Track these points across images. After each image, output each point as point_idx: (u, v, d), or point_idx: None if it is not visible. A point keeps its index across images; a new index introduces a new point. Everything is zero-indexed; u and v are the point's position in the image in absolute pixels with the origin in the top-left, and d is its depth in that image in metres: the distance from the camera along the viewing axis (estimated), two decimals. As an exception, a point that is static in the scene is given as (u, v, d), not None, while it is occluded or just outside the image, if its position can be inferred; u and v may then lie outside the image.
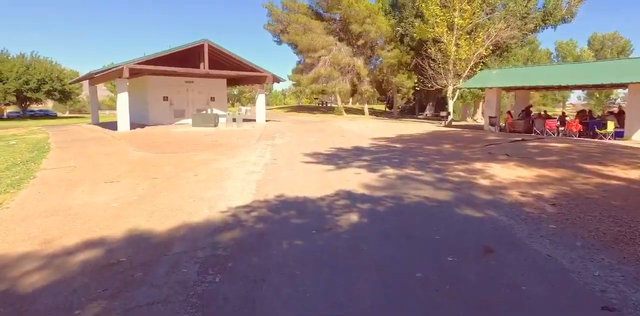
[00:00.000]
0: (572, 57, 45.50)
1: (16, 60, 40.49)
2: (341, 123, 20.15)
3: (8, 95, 39.37)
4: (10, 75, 39.03)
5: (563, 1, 28.00)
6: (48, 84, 41.40)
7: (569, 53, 46.51)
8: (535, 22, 27.36)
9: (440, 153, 8.63)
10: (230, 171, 6.87)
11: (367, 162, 7.55)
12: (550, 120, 16.70)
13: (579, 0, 28.19)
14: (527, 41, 30.10)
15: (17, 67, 39.66)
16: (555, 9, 27.90)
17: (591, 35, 46.61)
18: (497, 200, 4.88)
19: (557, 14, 28.02)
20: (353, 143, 10.65)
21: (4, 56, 40.61)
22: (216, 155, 8.68)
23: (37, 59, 42.47)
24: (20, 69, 39.76)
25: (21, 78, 39.55)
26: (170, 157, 8.54)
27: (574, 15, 28.73)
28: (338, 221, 4.16)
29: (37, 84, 40.60)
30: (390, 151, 9.12)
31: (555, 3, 27.84)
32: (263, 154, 8.77)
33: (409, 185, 5.74)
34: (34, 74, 40.43)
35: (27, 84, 40.07)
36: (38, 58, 42.74)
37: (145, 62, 15.64)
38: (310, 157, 8.27)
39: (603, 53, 45.47)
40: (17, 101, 42.31)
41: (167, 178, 6.38)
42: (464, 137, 12.10)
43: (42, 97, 42.73)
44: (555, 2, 27.89)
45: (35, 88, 40.89)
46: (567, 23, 29.02)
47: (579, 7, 28.52)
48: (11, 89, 38.99)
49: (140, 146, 10.60)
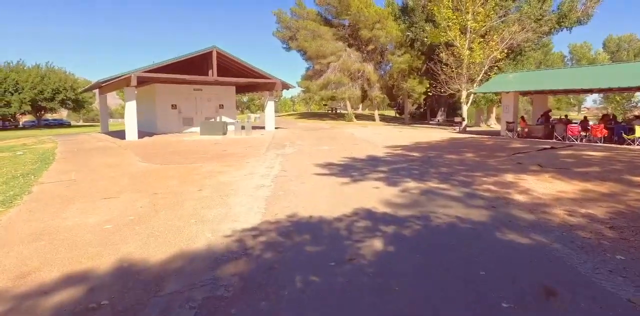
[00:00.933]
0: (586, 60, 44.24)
1: (32, 70, 41.09)
2: (352, 130, 19.55)
3: (24, 105, 39.89)
4: (26, 85, 39.58)
5: (579, 3, 27.14)
6: (62, 94, 41.89)
7: (583, 56, 45.27)
8: (550, 25, 26.52)
9: (464, 163, 7.95)
10: (237, 185, 6.31)
11: (385, 174, 6.92)
12: (572, 125, 15.84)
13: (596, 1, 27.30)
14: (541, 44, 29.18)
15: (32, 77, 40.24)
16: (570, 10, 27.04)
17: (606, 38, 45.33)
18: (543, 221, 4.20)
19: (572, 15, 27.15)
20: (367, 152, 10.03)
21: (21, 67, 41.29)
22: (223, 167, 8.15)
23: (52, 69, 43.08)
24: (35, 79, 40.32)
25: (36, 88, 40.08)
26: (175, 169, 8.03)
27: (590, 17, 27.82)
28: (360, 249, 3.54)
29: (51, 94, 41.12)
30: (408, 161, 8.47)
31: (570, 5, 26.99)
32: (272, 165, 8.21)
33: (435, 201, 5.09)
34: (49, 83, 40.96)
35: (42, 94, 40.59)
36: (53, 68, 43.36)
37: (153, 70, 15.34)
38: (323, 168, 7.68)
39: (619, 55, 44.08)
40: (32, 110, 42.84)
41: (169, 193, 5.84)
42: (486, 144, 11.36)
43: (56, 106, 43.20)
44: (571, 3, 27.04)
45: (50, 98, 41.41)
46: (582, 25, 28.11)
47: (595, 9, 27.61)
48: (26, 99, 39.50)
49: (146, 156, 10.16)
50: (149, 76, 15.31)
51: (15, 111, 39.99)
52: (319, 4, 27.78)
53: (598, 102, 52.30)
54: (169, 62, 15.71)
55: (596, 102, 53.06)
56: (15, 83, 39.04)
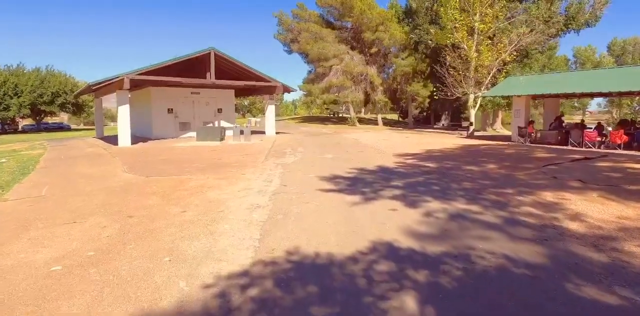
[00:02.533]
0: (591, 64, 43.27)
1: (31, 74, 40.27)
2: (356, 135, 18.56)
3: (23, 108, 39.03)
4: (25, 88, 38.74)
5: (586, 5, 26.23)
6: (62, 97, 41.01)
7: (587, 59, 44.31)
8: (557, 27, 25.57)
9: (489, 176, 6.93)
10: (229, 204, 5.30)
11: (401, 190, 5.91)
12: (589, 131, 14.82)
13: (604, 4, 26.40)
14: (548, 46, 28.21)
15: (32, 80, 39.40)
16: (577, 12, 26.13)
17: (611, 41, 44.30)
18: (619, 264, 3.18)
19: (580, 17, 26.24)
20: (376, 162, 9.02)
21: (20, 70, 40.48)
22: (215, 179, 7.15)
23: (52, 73, 42.26)
24: (35, 82, 39.49)
25: (36, 91, 39.23)
26: (160, 182, 7.03)
27: (598, 19, 26.92)
28: (387, 312, 2.53)
29: (51, 97, 40.25)
30: (424, 173, 7.45)
31: (578, 6, 26.08)
32: (271, 178, 7.21)
33: (469, 231, 4.08)
34: (48, 87, 40.11)
35: (42, 97, 39.72)
36: (53, 71, 42.54)
37: (148, 72, 14.39)
38: (329, 182, 6.67)
39: (624, 59, 43.08)
40: (32, 114, 41.97)
41: (147, 216, 4.84)
42: (506, 153, 10.30)
43: (56, 110, 42.35)
44: (578, 6, 26.13)
45: (49, 101, 40.51)
46: (590, 27, 27.21)
47: (603, 11, 26.70)
48: (26, 102, 38.65)
49: (133, 166, 9.17)
50: (143, 79, 14.36)
51: (14, 115, 39.15)
52: (321, 6, 26.91)
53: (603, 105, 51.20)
54: (164, 64, 14.75)
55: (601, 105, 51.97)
56: (15, 87, 38.21)
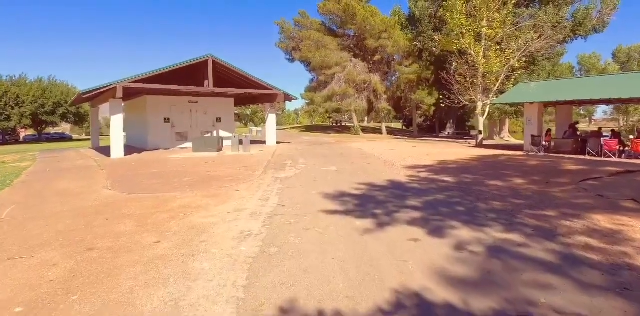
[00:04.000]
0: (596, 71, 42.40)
1: (33, 84, 39.95)
2: (360, 144, 17.63)
3: (24, 119, 38.55)
4: (27, 98, 38.34)
5: (594, 11, 25.53)
6: (63, 107, 40.56)
7: (592, 66, 43.46)
8: (565, 33, 24.81)
9: (519, 193, 5.94)
10: (214, 232, 4.36)
11: (420, 212, 4.94)
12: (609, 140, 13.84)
13: (612, 9, 25.69)
14: (555, 53, 27.40)
15: (33, 90, 39.06)
16: (585, 18, 25.43)
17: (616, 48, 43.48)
18: None
19: (588, 23, 25.52)
20: (386, 175, 8.06)
21: (22, 80, 40.18)
22: (204, 197, 6.22)
23: (54, 83, 41.94)
24: (36, 93, 39.13)
25: (37, 101, 38.84)
26: (141, 201, 6.11)
27: (606, 25, 26.20)
28: None
29: (52, 107, 39.83)
30: (442, 189, 6.47)
31: (585, 12, 25.38)
32: (267, 195, 6.26)
33: (520, 273, 3.10)
34: (50, 97, 39.73)
35: (43, 107, 39.32)
36: (55, 81, 42.24)
37: (142, 80, 13.61)
38: (334, 201, 5.72)
39: (630, 66, 42.15)
40: (33, 124, 41.50)
41: (110, 249, 3.90)
42: (529, 165, 9.27)
43: (57, 120, 41.89)
44: (585, 11, 25.44)
45: (51, 112, 40.10)
46: (598, 33, 26.48)
47: (611, 16, 25.99)
48: (27, 112, 38.20)
49: (119, 180, 8.27)
50: (137, 87, 13.57)
51: (15, 125, 38.66)
52: (323, 14, 26.34)
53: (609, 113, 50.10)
54: (160, 71, 13.97)
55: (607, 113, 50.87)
56: (16, 97, 37.83)
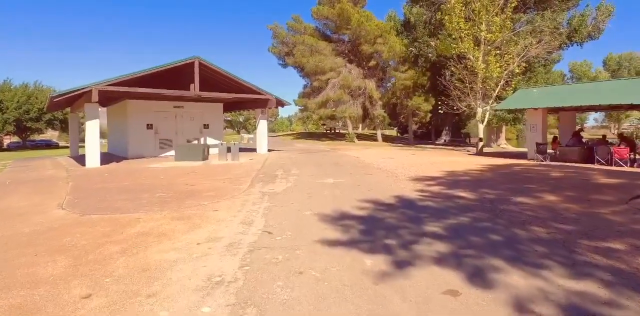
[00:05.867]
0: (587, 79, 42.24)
1: (18, 90, 38.30)
2: (356, 152, 16.52)
3: (7, 125, 36.78)
4: (11, 104, 36.67)
5: (589, 17, 25.09)
6: (49, 113, 38.88)
7: (583, 74, 43.35)
8: (561, 40, 24.26)
9: (560, 215, 4.80)
10: (171, 279, 3.12)
11: (445, 243, 3.77)
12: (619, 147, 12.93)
13: (607, 16, 25.28)
14: (550, 59, 26.83)
15: (18, 96, 37.41)
16: (580, 25, 24.96)
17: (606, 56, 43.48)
18: None
19: (583, 30, 25.05)
20: (391, 190, 6.90)
21: (7, 86, 38.52)
22: (173, 220, 4.97)
23: (40, 88, 40.29)
24: (21, 98, 37.48)
25: (22, 107, 37.18)
26: (93, 226, 4.84)
27: (601, 32, 25.77)
28: None
29: (37, 114, 38.15)
30: (462, 208, 5.32)
31: (580, 19, 24.93)
32: (251, 218, 5.04)
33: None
34: (35, 103, 38.07)
35: (28, 114, 37.65)
36: (41, 87, 40.58)
37: (122, 82, 12.35)
38: (333, 226, 4.53)
39: (620, 74, 42.12)
40: (18, 131, 39.69)
41: (10, 313, 2.65)
42: (552, 177, 8.09)
43: (43, 127, 40.17)
44: (581, 18, 24.98)
45: (36, 118, 38.44)
46: (594, 39, 26.03)
47: (606, 23, 25.57)
48: (10, 119, 36.48)
49: (81, 196, 6.98)
50: (116, 90, 12.30)
51: (-2, 131, 36.92)
52: (317, 19, 25.46)
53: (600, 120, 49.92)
54: (142, 73, 12.74)
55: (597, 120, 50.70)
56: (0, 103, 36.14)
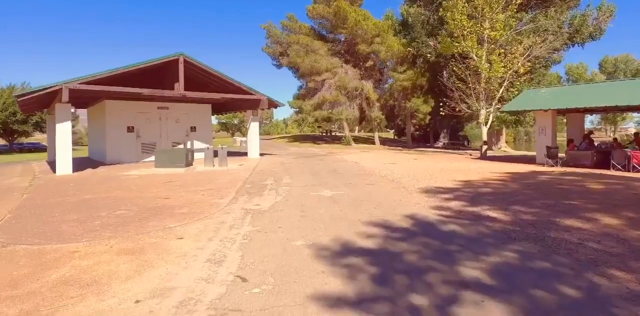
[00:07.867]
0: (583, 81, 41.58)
1: (4, 91, 36.64)
2: (355, 157, 15.28)
3: (-7, 128, 35.17)
4: (-4, 106, 35.05)
5: (590, 17, 24.21)
6: (37, 115, 37.25)
7: (580, 76, 42.65)
8: (563, 40, 23.34)
9: (636, 248, 3.61)
10: None
11: (499, 302, 2.53)
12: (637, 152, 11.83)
13: (608, 16, 24.42)
14: (552, 60, 25.90)
15: (4, 98, 35.75)
16: (581, 25, 24.06)
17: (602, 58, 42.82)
18: None
19: (585, 30, 24.16)
20: (401, 206, 5.66)
21: (-7, 88, 36.89)
22: (119, 255, 3.68)
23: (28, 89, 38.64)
24: (7, 100, 35.81)
25: (8, 109, 35.52)
26: (10, 263, 3.53)
27: (602, 32, 24.90)
28: None
29: (24, 116, 36.50)
30: (500, 236, 4.08)
31: (581, 19, 24.02)
32: (224, 252, 3.74)
33: None
34: (22, 105, 36.42)
35: (14, 116, 35.99)
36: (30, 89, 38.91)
37: (97, 80, 11.03)
38: (332, 267, 3.27)
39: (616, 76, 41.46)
40: (4, 134, 37.97)
41: None
42: (592, 189, 6.67)
43: (29, 129, 38.53)
44: (582, 18, 24.08)
45: (23, 120, 36.78)
46: (595, 40, 25.16)
47: (608, 23, 24.71)
48: (-5, 121, 34.86)
49: (24, 213, 5.65)
50: (89, 89, 10.97)
51: (-18, 135, 35.22)
52: (312, 18, 24.28)
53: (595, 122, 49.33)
54: (120, 70, 11.41)
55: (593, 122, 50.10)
56: (-16, 105, 34.51)
